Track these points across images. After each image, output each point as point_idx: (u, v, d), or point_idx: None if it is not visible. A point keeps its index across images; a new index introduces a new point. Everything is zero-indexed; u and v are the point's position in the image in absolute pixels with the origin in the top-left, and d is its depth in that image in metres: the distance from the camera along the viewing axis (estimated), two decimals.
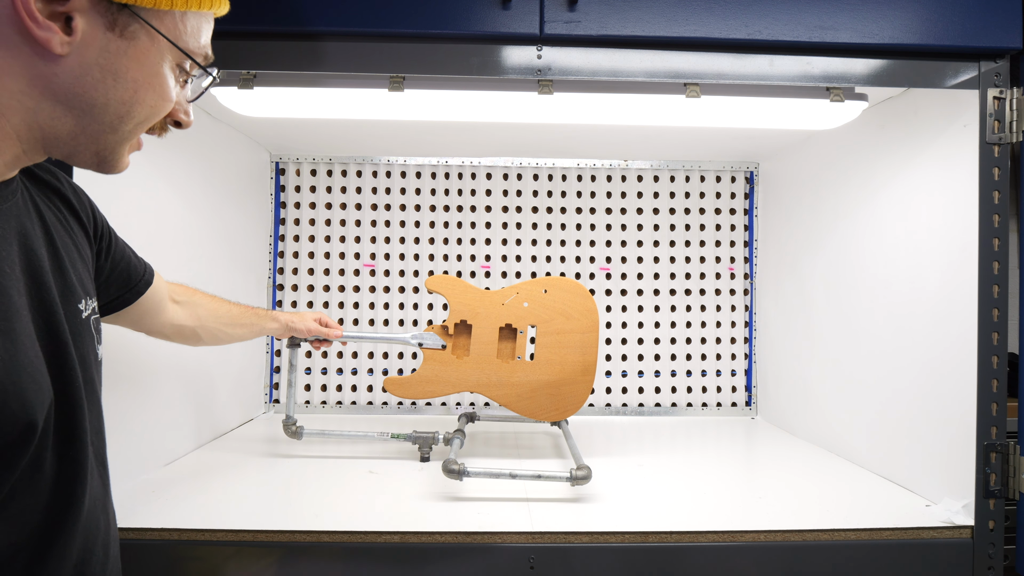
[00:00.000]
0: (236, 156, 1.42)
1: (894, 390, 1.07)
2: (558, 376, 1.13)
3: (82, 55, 0.46)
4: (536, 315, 1.15)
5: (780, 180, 1.54)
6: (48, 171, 0.60)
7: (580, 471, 0.95)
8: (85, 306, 0.57)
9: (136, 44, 0.48)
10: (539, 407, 1.13)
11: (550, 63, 0.89)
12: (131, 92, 0.48)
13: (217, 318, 0.97)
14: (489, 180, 1.63)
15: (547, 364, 1.13)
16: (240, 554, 0.82)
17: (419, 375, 1.13)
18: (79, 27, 0.45)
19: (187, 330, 0.92)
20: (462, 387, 1.13)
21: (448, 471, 0.95)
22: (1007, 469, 0.88)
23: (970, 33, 0.88)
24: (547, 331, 1.14)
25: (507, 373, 1.13)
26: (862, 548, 0.85)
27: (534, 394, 1.13)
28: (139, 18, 0.47)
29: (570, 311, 1.15)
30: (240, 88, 0.94)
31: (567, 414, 1.14)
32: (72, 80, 0.46)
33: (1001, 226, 0.89)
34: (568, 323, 1.14)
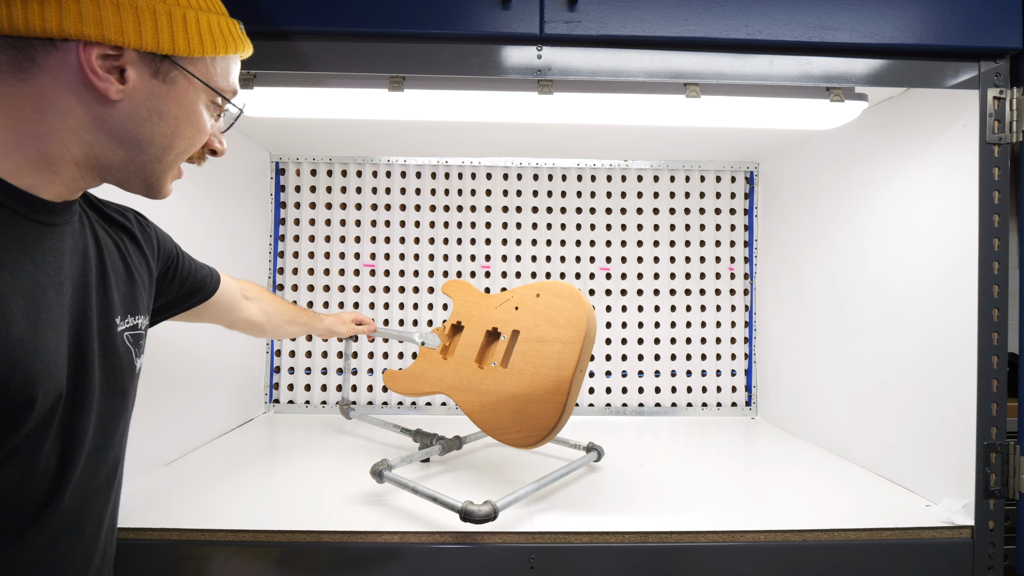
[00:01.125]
0: (236, 156, 1.42)
1: (894, 390, 1.07)
2: (527, 389, 0.95)
3: (133, 99, 0.54)
4: (523, 320, 1.03)
5: (780, 180, 1.54)
6: (118, 211, 0.70)
7: (482, 507, 0.82)
8: (122, 321, 0.64)
9: (176, 87, 0.56)
10: (500, 424, 0.96)
11: (550, 63, 0.89)
12: (172, 127, 0.57)
13: (280, 314, 1.09)
14: (489, 180, 1.63)
15: (518, 374, 0.98)
16: (240, 554, 0.82)
17: (409, 371, 1.13)
18: (131, 77, 0.53)
19: (257, 325, 1.04)
20: (438, 387, 1.08)
21: (373, 472, 0.95)
22: (1007, 469, 0.88)
23: (970, 33, 0.88)
24: (529, 338, 1.01)
25: (478, 379, 1.03)
26: (862, 548, 0.85)
27: (497, 407, 0.97)
28: (178, 66, 0.56)
29: (557, 318, 0.99)
30: (240, 88, 0.94)
31: (531, 440, 0.91)
32: (124, 119, 0.55)
33: (1001, 226, 0.89)
34: (552, 331, 0.98)
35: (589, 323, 0.95)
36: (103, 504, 0.61)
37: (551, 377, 0.94)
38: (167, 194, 0.62)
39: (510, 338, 1.04)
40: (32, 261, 0.52)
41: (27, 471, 0.51)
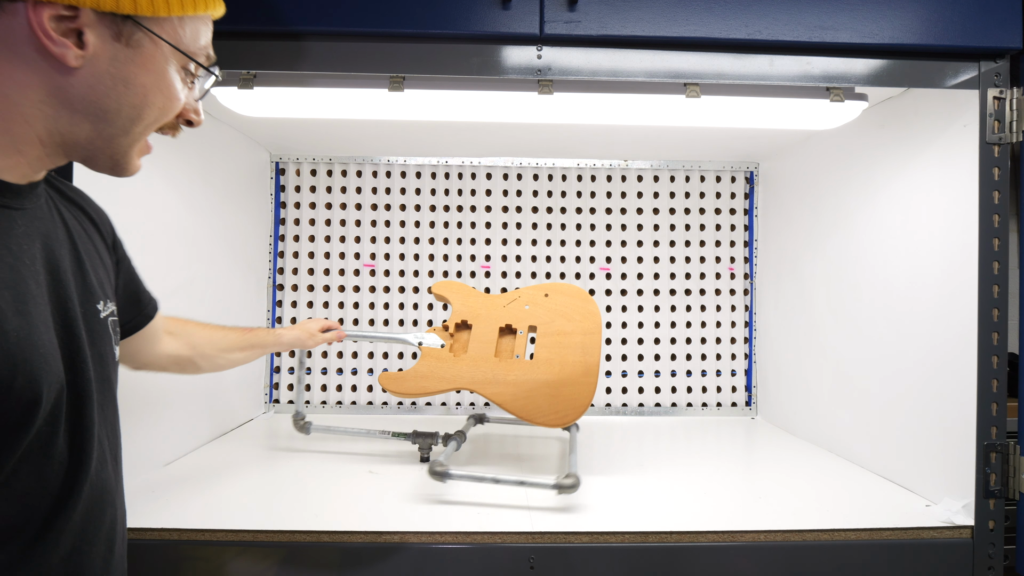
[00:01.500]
0: (236, 156, 1.42)
1: (894, 390, 1.07)
2: (557, 376, 1.07)
3: (94, 66, 0.50)
4: (537, 317, 1.13)
5: (780, 180, 1.54)
6: (73, 190, 0.65)
7: (567, 479, 0.93)
8: (104, 307, 0.60)
9: (142, 51, 0.51)
10: (537, 409, 1.05)
11: (550, 63, 0.89)
12: (141, 96, 0.52)
13: (213, 344, 0.96)
14: (489, 180, 1.63)
15: (546, 363, 1.08)
16: (240, 554, 0.82)
17: (414, 370, 1.12)
18: (90, 40, 0.49)
19: (183, 359, 0.91)
20: (457, 384, 1.10)
21: (432, 472, 0.95)
22: (1007, 469, 0.88)
23: (970, 33, 0.88)
24: (547, 332, 1.11)
25: (503, 371, 1.09)
26: (862, 548, 0.85)
27: (531, 394, 1.06)
28: (142, 27, 0.51)
29: (571, 313, 1.12)
30: (240, 88, 0.94)
31: (567, 419, 1.04)
32: (87, 89, 0.50)
33: (1001, 226, 0.89)
34: (569, 324, 1.11)
35: (600, 317, 1.12)
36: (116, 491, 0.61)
37: (579, 363, 1.08)
38: (135, 170, 0.57)
39: (527, 333, 1.12)
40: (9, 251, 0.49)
41: (43, 467, 0.50)
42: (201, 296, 1.25)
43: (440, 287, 1.22)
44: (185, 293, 1.19)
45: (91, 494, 0.55)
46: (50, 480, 0.51)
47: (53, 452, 0.51)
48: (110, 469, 0.59)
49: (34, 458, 0.49)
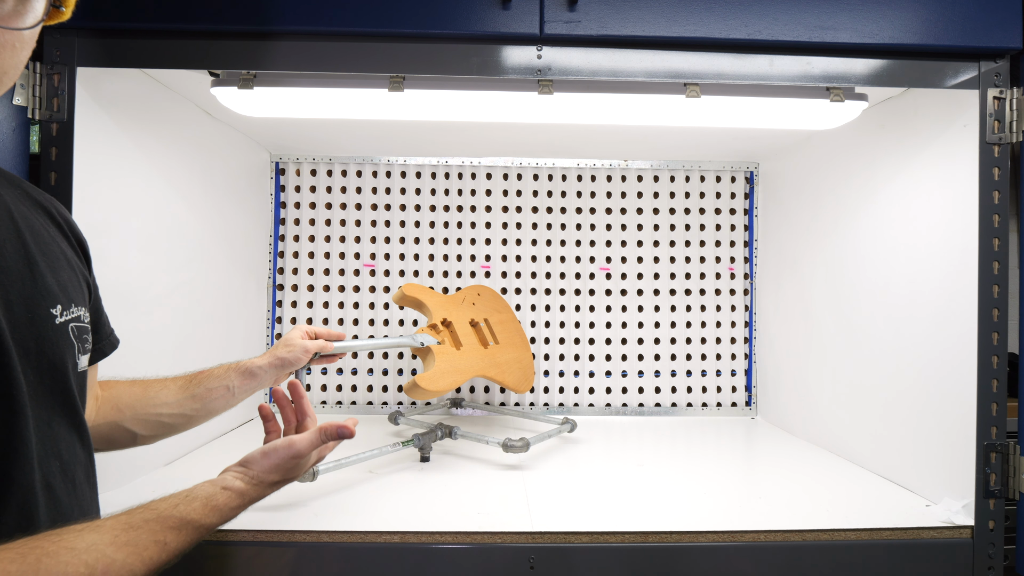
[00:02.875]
0: (236, 156, 1.42)
1: (894, 390, 1.07)
2: (517, 352, 1.37)
3: None
4: (481, 311, 1.35)
5: (780, 180, 1.54)
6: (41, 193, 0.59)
7: (518, 441, 1.10)
8: (62, 312, 0.53)
9: None
10: (516, 380, 1.33)
11: (550, 63, 0.89)
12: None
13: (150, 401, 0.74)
14: (489, 180, 1.63)
15: (509, 344, 1.36)
16: (240, 554, 0.82)
17: (440, 369, 1.14)
18: None
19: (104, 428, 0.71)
20: (473, 373, 1.22)
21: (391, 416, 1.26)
22: (1007, 469, 0.88)
23: (970, 33, 0.88)
24: (493, 320, 1.36)
25: (494, 355, 1.29)
26: (862, 548, 0.85)
27: (511, 368, 1.32)
28: None
29: (495, 304, 1.43)
30: (240, 88, 0.94)
31: (531, 383, 1.39)
32: None
33: (1001, 226, 0.89)
34: (498, 314, 1.40)
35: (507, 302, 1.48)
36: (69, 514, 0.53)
37: (521, 338, 1.44)
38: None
39: (486, 324, 1.33)
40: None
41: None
42: (201, 296, 1.25)
43: (412, 289, 1.25)
44: (185, 293, 1.19)
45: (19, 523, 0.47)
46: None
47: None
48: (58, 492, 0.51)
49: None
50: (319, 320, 1.61)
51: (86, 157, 0.87)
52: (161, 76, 1.05)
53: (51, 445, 0.51)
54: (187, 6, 0.84)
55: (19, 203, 0.54)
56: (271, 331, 1.60)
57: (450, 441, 1.25)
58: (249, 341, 1.50)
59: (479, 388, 1.63)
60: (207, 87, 0.97)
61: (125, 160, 0.98)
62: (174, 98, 1.13)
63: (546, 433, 1.22)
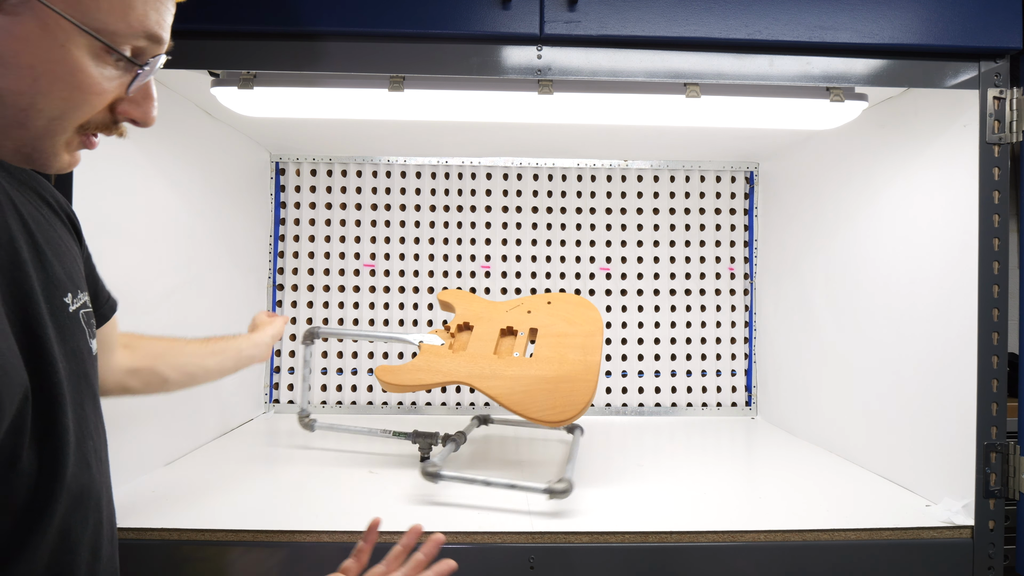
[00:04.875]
0: (236, 156, 1.42)
1: (894, 390, 1.07)
2: (556, 372, 1.03)
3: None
4: (538, 320, 1.13)
5: (780, 180, 1.54)
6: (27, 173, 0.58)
7: (560, 484, 0.90)
8: (73, 300, 0.54)
9: (22, 23, 0.40)
10: (534, 404, 1.00)
11: (550, 63, 0.89)
12: (29, 82, 0.41)
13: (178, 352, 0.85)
14: (489, 180, 1.63)
15: (545, 361, 1.05)
16: (240, 554, 0.82)
17: (411, 363, 1.10)
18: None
19: (145, 372, 0.79)
20: (452, 377, 1.07)
21: (425, 473, 0.96)
22: (1007, 469, 0.88)
23: (970, 33, 0.88)
24: (548, 333, 1.10)
25: (501, 367, 1.06)
26: (862, 548, 0.85)
27: (528, 389, 1.02)
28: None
29: (572, 317, 1.12)
30: (240, 88, 0.94)
31: (565, 416, 0.98)
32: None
33: (1001, 226, 0.89)
34: (571, 327, 1.10)
35: (601, 322, 1.11)
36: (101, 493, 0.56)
37: (579, 362, 1.05)
38: (64, 167, 0.47)
39: (528, 334, 1.11)
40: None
41: (11, 481, 0.46)
42: (201, 296, 1.25)
43: (446, 295, 1.23)
44: (185, 293, 1.19)
45: (69, 502, 0.51)
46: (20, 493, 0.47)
47: (20, 464, 0.46)
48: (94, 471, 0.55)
49: (1, 472, 0.45)
50: (319, 320, 1.61)
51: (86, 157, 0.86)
52: (161, 76, 1.05)
53: (84, 427, 0.54)
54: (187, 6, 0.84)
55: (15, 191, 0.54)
56: None
57: None
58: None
59: None
60: (207, 87, 0.97)
61: (125, 160, 0.98)
62: (174, 98, 1.13)
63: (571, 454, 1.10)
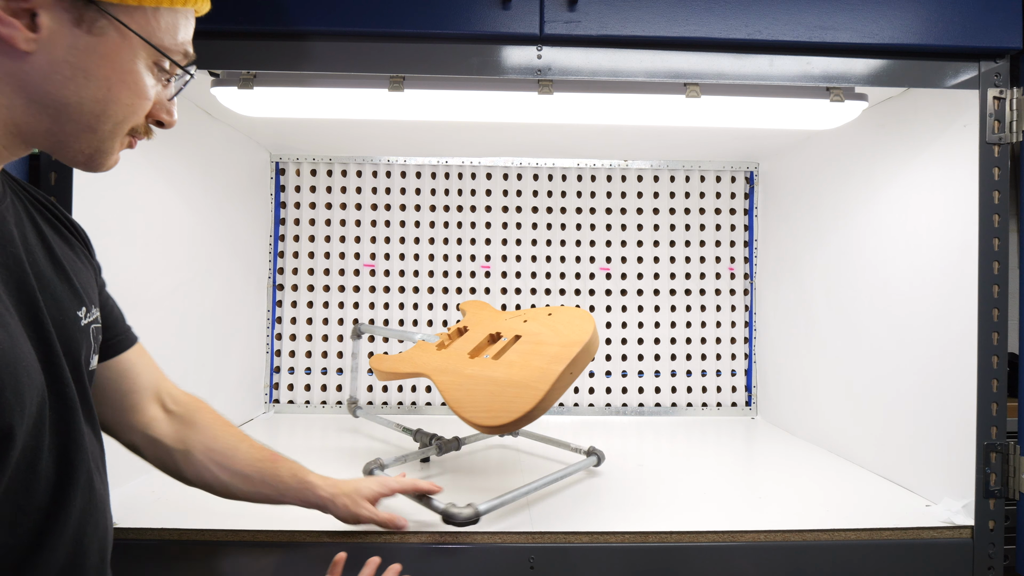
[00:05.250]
0: (236, 156, 1.42)
1: (894, 390, 1.07)
2: (508, 376, 0.94)
3: (50, 52, 0.46)
4: (529, 328, 1.06)
5: (780, 180, 1.54)
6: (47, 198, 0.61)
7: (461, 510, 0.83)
8: (86, 314, 0.57)
9: (105, 41, 0.47)
10: (472, 404, 0.92)
11: (550, 63, 0.89)
12: (104, 90, 0.48)
13: (216, 453, 0.74)
14: (489, 180, 1.63)
15: (507, 365, 0.97)
16: (240, 554, 0.82)
17: (397, 355, 1.13)
18: (44, 23, 0.45)
19: (163, 449, 0.72)
20: (422, 369, 1.06)
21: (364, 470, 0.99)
22: (1007, 469, 0.88)
23: (970, 33, 0.88)
24: (528, 341, 1.02)
25: (464, 365, 1.02)
26: (862, 548, 0.85)
27: (474, 387, 0.95)
28: (107, 14, 0.47)
29: (561, 328, 1.02)
30: (240, 88, 0.94)
31: (498, 422, 0.86)
32: (42, 78, 0.46)
33: (1001, 226, 0.89)
34: (554, 337, 1.00)
35: (592, 336, 0.95)
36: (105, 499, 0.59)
37: (539, 369, 0.92)
38: (112, 165, 0.54)
39: (510, 340, 1.04)
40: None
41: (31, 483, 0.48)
42: (201, 296, 1.25)
43: (465, 303, 1.25)
44: (185, 293, 1.19)
45: (83, 506, 0.53)
46: (39, 496, 0.49)
47: (39, 467, 0.49)
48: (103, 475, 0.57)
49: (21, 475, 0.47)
50: (319, 321, 1.61)
51: None
52: None
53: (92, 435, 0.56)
54: None
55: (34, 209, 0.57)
56: (271, 331, 1.60)
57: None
58: (249, 341, 1.50)
59: None
60: (207, 87, 0.97)
61: (125, 160, 0.97)
62: None
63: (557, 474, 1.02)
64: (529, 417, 0.86)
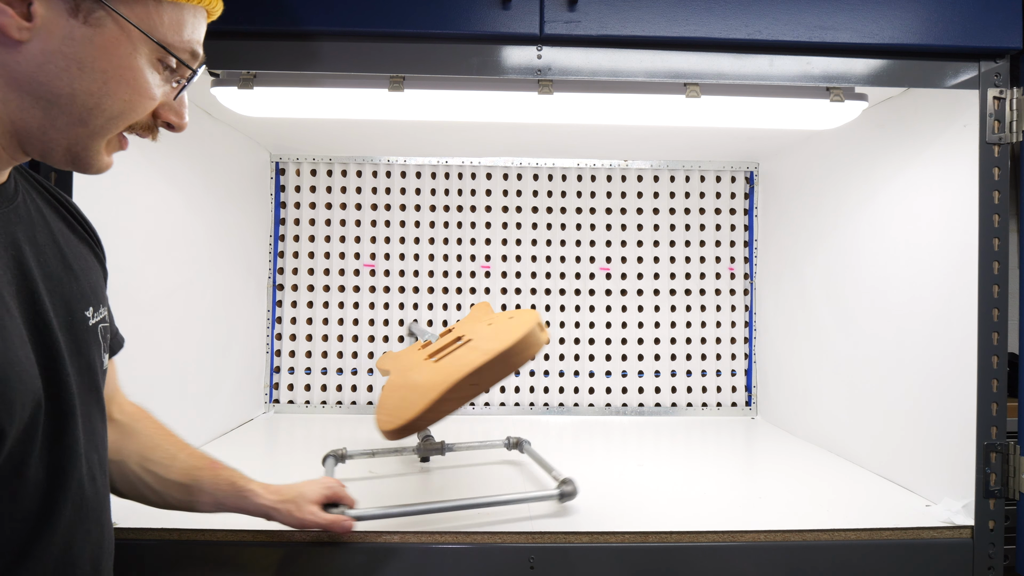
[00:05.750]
0: (236, 156, 1.42)
1: (894, 390, 1.07)
2: (412, 378, 0.92)
3: (44, 42, 0.44)
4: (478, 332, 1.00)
5: (780, 180, 1.54)
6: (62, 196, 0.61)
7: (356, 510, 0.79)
8: (93, 314, 0.56)
9: (103, 32, 0.46)
10: (383, 405, 0.89)
11: (550, 63, 0.89)
12: (100, 84, 0.47)
13: (152, 463, 0.71)
14: (489, 180, 1.63)
15: (432, 368, 0.93)
16: (240, 554, 0.82)
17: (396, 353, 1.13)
18: (38, 12, 0.44)
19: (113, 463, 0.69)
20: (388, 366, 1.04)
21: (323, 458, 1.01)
22: (1007, 469, 0.88)
23: (970, 33, 0.88)
24: (466, 345, 0.96)
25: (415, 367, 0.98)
26: (862, 548, 0.85)
27: (395, 391, 0.91)
28: (104, 4, 0.45)
29: (498, 333, 0.93)
30: (240, 88, 0.94)
31: (385, 427, 0.83)
32: (35, 68, 0.45)
33: (1001, 226, 0.89)
34: (485, 342, 0.91)
35: (516, 342, 0.83)
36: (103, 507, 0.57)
37: (442, 370, 0.88)
38: (102, 168, 0.51)
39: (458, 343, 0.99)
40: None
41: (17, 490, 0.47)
42: (201, 296, 1.25)
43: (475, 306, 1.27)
44: (185, 293, 1.19)
45: (73, 516, 0.51)
46: (25, 503, 0.47)
47: (28, 473, 0.47)
48: (98, 484, 0.56)
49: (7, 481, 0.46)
50: (319, 321, 1.61)
51: None
52: None
53: (92, 439, 0.55)
54: None
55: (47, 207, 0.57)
56: (271, 331, 1.60)
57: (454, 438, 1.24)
58: (249, 341, 1.50)
59: None
60: (207, 87, 0.97)
61: (125, 160, 0.97)
62: None
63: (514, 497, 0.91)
64: (413, 426, 0.81)
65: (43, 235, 0.53)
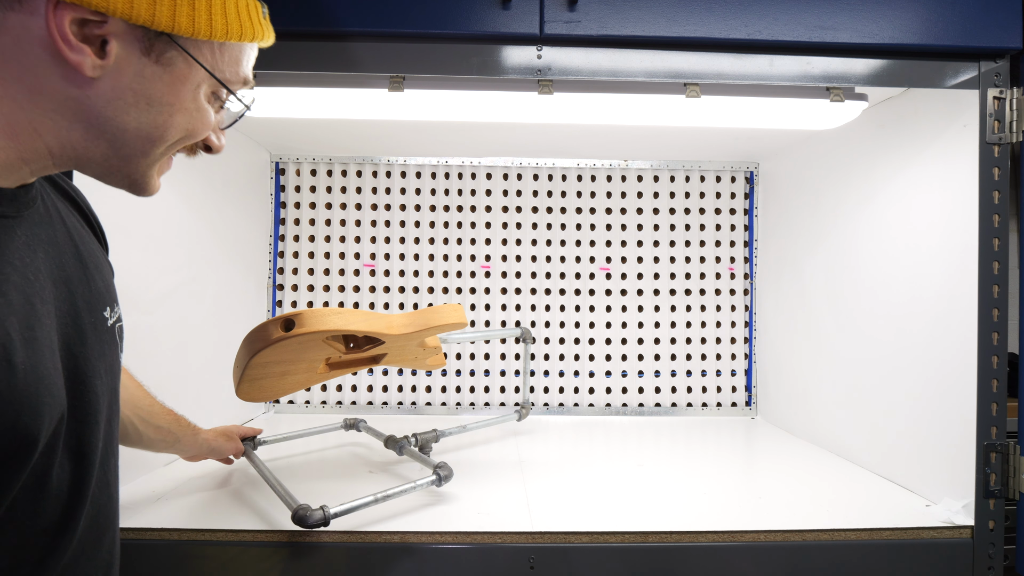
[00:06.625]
0: (236, 156, 1.42)
1: (894, 390, 1.07)
2: None
3: (115, 79, 0.45)
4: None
5: (780, 180, 1.54)
6: (68, 183, 0.61)
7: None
8: (111, 314, 0.57)
9: (172, 71, 0.47)
10: None
11: (550, 63, 0.89)
12: (165, 116, 0.48)
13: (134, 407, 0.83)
14: (489, 180, 1.63)
15: None
16: (240, 554, 0.82)
17: None
18: (113, 51, 0.44)
19: None
20: None
21: None
22: (1007, 469, 0.88)
23: (970, 33, 0.88)
24: None
25: None
26: (862, 548, 0.85)
27: None
28: (177, 45, 0.47)
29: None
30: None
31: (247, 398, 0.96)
32: (104, 104, 0.46)
33: (1001, 226, 0.89)
34: None
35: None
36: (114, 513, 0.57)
37: None
38: (155, 190, 0.54)
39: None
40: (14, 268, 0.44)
41: (39, 501, 0.46)
42: (201, 296, 1.25)
43: None
44: (185, 293, 1.19)
45: (88, 523, 0.52)
46: (46, 514, 0.47)
47: (49, 484, 0.47)
48: (112, 490, 0.56)
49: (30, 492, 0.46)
50: None
51: None
52: None
53: (110, 444, 0.56)
54: None
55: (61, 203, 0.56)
56: None
57: (455, 438, 1.24)
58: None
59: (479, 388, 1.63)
60: None
61: None
62: None
63: None
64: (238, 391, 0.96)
65: (61, 234, 0.53)
